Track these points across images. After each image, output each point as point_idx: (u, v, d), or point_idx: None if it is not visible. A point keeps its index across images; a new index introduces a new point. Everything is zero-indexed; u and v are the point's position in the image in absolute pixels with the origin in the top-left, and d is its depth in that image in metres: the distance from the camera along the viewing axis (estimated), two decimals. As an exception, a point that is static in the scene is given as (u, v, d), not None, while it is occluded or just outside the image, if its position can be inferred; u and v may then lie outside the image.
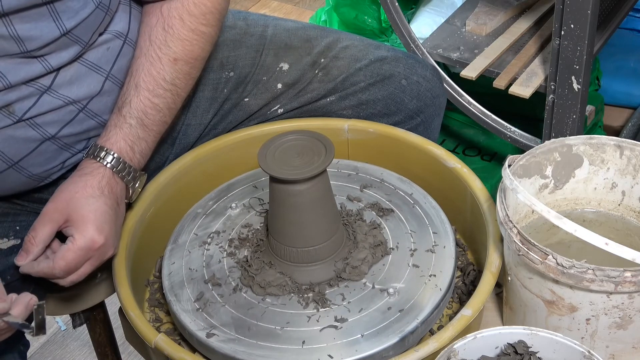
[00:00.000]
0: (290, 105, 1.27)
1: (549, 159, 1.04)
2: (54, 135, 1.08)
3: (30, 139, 1.07)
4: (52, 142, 1.09)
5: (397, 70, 1.26)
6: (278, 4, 3.04)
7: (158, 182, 1.17)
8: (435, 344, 0.91)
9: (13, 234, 1.11)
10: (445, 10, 1.90)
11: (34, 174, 1.10)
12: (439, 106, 1.32)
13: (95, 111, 1.11)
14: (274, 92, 1.27)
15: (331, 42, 1.29)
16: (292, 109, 1.28)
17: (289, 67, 1.27)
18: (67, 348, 1.92)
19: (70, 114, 1.09)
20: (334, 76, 1.26)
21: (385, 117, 1.27)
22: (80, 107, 1.09)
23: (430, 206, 1.12)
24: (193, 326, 0.99)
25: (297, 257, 1.02)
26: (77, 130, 1.11)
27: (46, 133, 1.07)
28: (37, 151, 1.08)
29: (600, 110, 1.95)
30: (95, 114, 1.11)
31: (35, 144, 1.07)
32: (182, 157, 1.21)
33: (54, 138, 1.09)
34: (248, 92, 1.27)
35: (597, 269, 0.86)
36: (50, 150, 1.09)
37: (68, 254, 1.00)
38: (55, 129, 1.08)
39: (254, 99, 1.27)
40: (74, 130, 1.10)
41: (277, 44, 1.29)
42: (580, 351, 0.87)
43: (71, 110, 1.09)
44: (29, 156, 1.08)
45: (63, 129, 1.09)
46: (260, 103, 1.27)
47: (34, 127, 1.06)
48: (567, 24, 1.37)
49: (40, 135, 1.07)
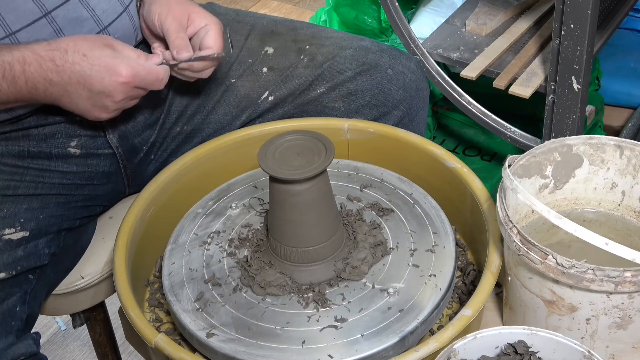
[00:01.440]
0: (279, 92, 1.29)
1: (549, 159, 1.04)
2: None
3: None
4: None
5: (382, 60, 1.29)
6: (278, 4, 3.05)
7: (158, 182, 1.17)
8: (435, 344, 0.91)
9: (20, 225, 1.12)
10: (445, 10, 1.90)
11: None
12: (423, 99, 1.34)
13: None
14: (259, 75, 1.29)
15: (316, 31, 1.33)
16: (283, 97, 1.29)
17: (274, 50, 1.30)
18: (67, 348, 1.92)
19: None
20: (319, 62, 1.29)
21: (374, 109, 1.28)
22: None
23: (430, 206, 1.12)
24: (193, 326, 0.99)
25: (297, 257, 1.02)
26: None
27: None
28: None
29: (600, 110, 1.95)
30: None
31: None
32: (182, 157, 1.21)
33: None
34: (234, 72, 1.30)
35: (597, 269, 0.86)
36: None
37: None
38: None
39: (241, 81, 1.30)
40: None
41: (263, 30, 1.34)
42: (580, 351, 0.87)
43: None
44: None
45: None
46: (247, 86, 1.29)
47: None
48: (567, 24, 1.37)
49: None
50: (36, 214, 1.14)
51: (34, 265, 1.12)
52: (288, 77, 1.29)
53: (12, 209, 1.13)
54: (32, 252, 1.12)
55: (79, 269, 1.22)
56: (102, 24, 1.16)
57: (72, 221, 1.20)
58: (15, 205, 1.13)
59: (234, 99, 1.30)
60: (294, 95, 1.29)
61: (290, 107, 1.30)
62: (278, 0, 3.06)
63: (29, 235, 1.12)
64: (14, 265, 1.09)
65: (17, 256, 1.10)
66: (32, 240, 1.12)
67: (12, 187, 1.14)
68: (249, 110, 1.30)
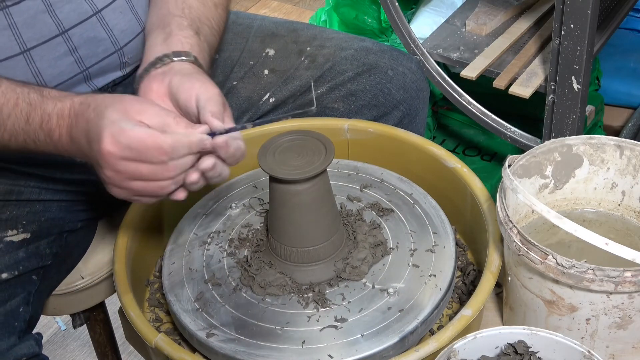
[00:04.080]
0: (280, 93, 1.29)
1: (549, 159, 1.04)
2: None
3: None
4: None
5: (382, 60, 1.29)
6: (278, 4, 3.05)
7: (158, 182, 1.17)
8: (435, 344, 0.91)
9: (22, 227, 1.12)
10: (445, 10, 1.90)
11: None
12: (424, 99, 1.34)
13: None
14: (260, 77, 1.29)
15: (316, 32, 1.33)
16: (283, 98, 1.29)
17: (275, 52, 1.30)
18: (67, 348, 1.92)
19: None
20: (320, 63, 1.29)
21: (375, 109, 1.28)
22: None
23: (430, 206, 1.12)
24: (193, 326, 0.99)
25: (297, 257, 1.02)
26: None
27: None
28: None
29: (600, 110, 1.95)
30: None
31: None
32: (182, 157, 1.21)
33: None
34: (235, 74, 1.29)
35: (597, 269, 0.86)
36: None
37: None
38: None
39: (242, 84, 1.29)
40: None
41: (263, 32, 1.33)
42: (580, 351, 0.87)
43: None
44: None
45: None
46: (249, 88, 1.29)
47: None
48: (567, 24, 1.37)
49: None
50: (38, 217, 1.14)
51: (36, 265, 1.12)
52: (289, 79, 1.29)
53: (15, 212, 1.13)
54: (34, 253, 1.12)
55: (79, 269, 1.22)
56: (119, 45, 1.15)
57: (73, 223, 1.20)
58: (17, 208, 1.13)
59: (236, 101, 1.29)
60: (295, 97, 1.29)
61: (290, 108, 1.30)
62: (278, 0, 3.06)
63: (31, 237, 1.12)
64: (15, 266, 1.09)
65: (19, 257, 1.10)
66: (33, 242, 1.12)
67: (15, 192, 1.14)
68: (250, 112, 1.30)
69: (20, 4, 1.06)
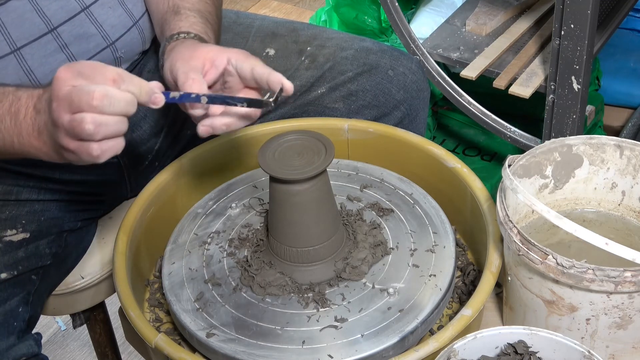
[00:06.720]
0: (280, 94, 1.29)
1: (549, 159, 1.04)
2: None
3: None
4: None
5: (383, 61, 1.29)
6: (278, 4, 3.05)
7: (158, 182, 1.17)
8: (435, 344, 0.91)
9: (21, 227, 1.12)
10: (445, 10, 1.90)
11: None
12: (424, 100, 1.34)
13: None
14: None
15: (317, 32, 1.33)
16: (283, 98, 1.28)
17: (275, 52, 1.30)
18: (67, 348, 1.92)
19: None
20: (320, 63, 1.29)
21: (375, 109, 1.28)
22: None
23: (430, 206, 1.12)
24: (193, 326, 0.99)
25: (297, 257, 1.02)
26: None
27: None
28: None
29: (600, 110, 1.95)
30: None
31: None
32: (182, 157, 1.21)
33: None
34: None
35: (597, 269, 0.86)
36: None
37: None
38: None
39: None
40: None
41: (263, 31, 1.33)
42: (580, 351, 0.87)
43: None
44: None
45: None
46: None
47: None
48: (567, 24, 1.37)
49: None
50: (37, 217, 1.14)
51: (35, 265, 1.12)
52: (289, 79, 1.28)
53: (14, 212, 1.13)
54: (34, 253, 1.12)
55: (79, 269, 1.22)
56: (110, 39, 1.15)
57: (73, 223, 1.20)
58: (17, 208, 1.13)
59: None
60: (295, 96, 1.29)
61: (290, 108, 1.30)
62: (278, 0, 3.06)
63: (30, 237, 1.12)
64: (15, 265, 1.09)
65: (18, 257, 1.10)
66: (32, 242, 1.12)
67: (14, 192, 1.14)
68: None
69: (6, 4, 1.06)
